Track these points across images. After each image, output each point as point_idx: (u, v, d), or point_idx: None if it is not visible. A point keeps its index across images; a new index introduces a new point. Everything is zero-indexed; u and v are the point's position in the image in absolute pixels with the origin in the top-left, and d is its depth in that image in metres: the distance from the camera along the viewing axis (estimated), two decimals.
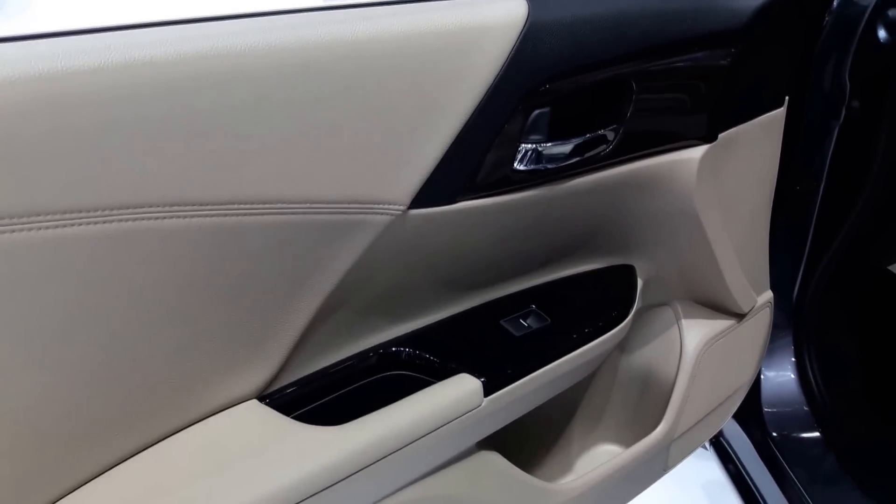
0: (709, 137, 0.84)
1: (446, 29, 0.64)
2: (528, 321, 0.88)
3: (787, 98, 0.93)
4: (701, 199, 0.86)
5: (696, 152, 0.84)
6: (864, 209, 1.04)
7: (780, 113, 0.92)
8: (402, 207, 0.67)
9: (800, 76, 0.93)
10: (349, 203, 0.64)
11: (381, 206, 0.66)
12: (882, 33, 0.91)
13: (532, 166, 0.73)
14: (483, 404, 0.77)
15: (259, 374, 0.70)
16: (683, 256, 0.95)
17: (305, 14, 0.62)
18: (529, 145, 0.73)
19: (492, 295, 0.88)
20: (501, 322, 0.87)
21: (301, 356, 0.74)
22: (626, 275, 0.96)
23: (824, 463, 1.14)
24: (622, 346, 1.04)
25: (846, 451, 1.15)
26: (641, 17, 0.74)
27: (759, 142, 0.92)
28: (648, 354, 1.04)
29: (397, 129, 0.64)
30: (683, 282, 1.00)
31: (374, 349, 0.81)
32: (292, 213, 0.62)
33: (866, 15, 0.90)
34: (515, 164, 0.72)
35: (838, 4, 0.90)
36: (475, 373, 0.77)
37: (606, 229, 0.90)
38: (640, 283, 0.97)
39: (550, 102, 0.72)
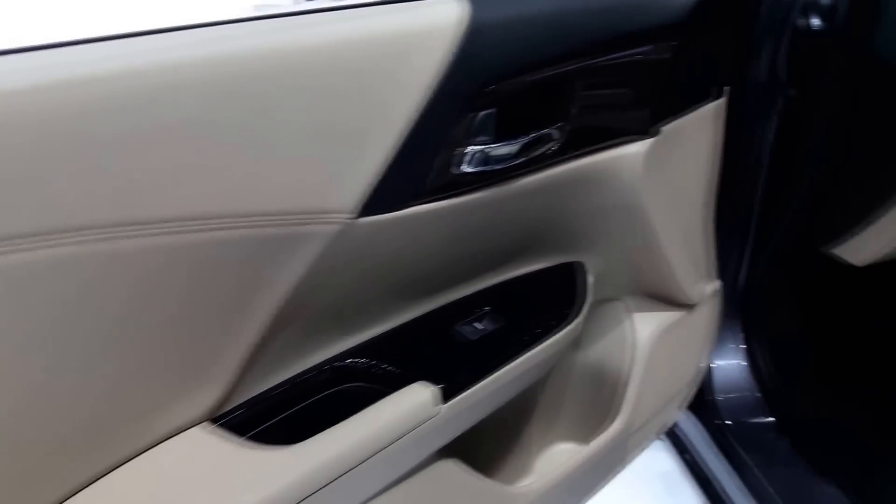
0: (652, 131, 0.85)
1: (385, 33, 0.63)
2: (482, 324, 0.87)
3: (726, 88, 0.94)
4: (646, 193, 0.87)
5: (640, 146, 0.84)
6: (804, 195, 1.06)
7: (720, 103, 0.93)
8: (349, 216, 0.65)
9: (738, 66, 0.94)
10: (294, 214, 0.62)
11: (327, 215, 0.64)
12: (813, 20, 0.93)
13: (479, 168, 0.73)
14: (440, 412, 0.75)
15: (209, 396, 0.67)
16: (631, 250, 0.96)
17: (239, 24, 0.60)
18: (476, 147, 0.72)
19: (445, 299, 0.87)
20: (455, 326, 0.86)
21: (253, 374, 0.71)
22: (576, 272, 0.96)
23: (778, 446, 1.16)
24: (575, 343, 1.04)
25: (799, 433, 1.17)
26: (583, 14, 0.74)
27: (700, 133, 0.93)
28: (601, 350, 1.05)
29: (340, 136, 0.63)
30: (632, 276, 1.01)
31: (328, 362, 0.79)
32: (235, 229, 0.60)
33: (799, 2, 0.93)
34: (463, 167, 0.71)
35: None
36: (431, 380, 0.76)
37: (556, 227, 0.90)
38: (590, 279, 0.97)
39: (495, 103, 0.71)
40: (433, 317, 0.85)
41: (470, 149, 0.71)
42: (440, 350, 0.82)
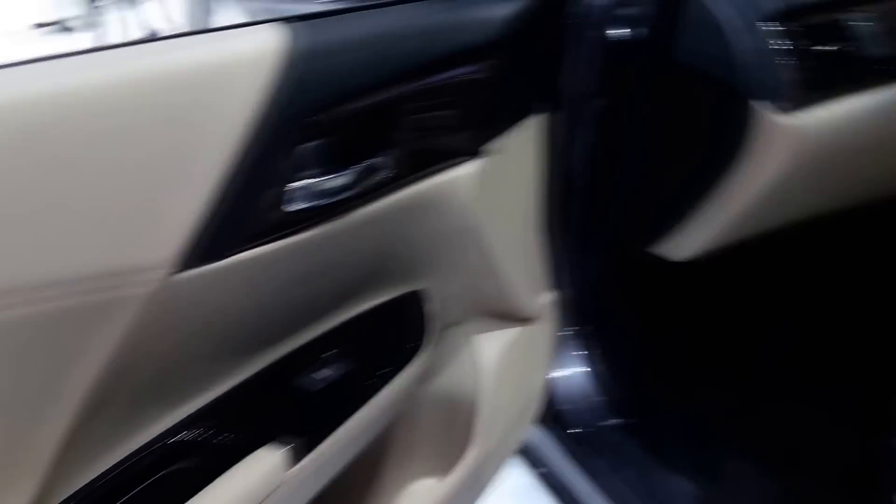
0: (481, 151, 0.84)
1: (196, 67, 0.56)
2: (328, 370, 0.81)
3: (548, 102, 0.95)
4: (481, 214, 0.86)
5: (471, 168, 0.83)
6: (627, 199, 1.11)
7: (543, 118, 0.95)
8: (167, 271, 0.57)
9: (557, 79, 0.97)
10: (100, 278, 0.53)
11: (140, 274, 0.55)
12: (623, 30, 0.97)
13: (311, 203, 0.67)
14: (292, 475, 0.68)
15: (21, 496, 0.56)
16: (469, 273, 0.95)
17: (28, 66, 0.51)
18: (305, 182, 0.66)
19: (287, 348, 0.80)
20: (300, 377, 0.79)
21: (72, 464, 0.60)
22: (418, 301, 0.93)
23: (628, 447, 1.20)
24: (424, 375, 1.01)
25: (646, 431, 1.22)
26: (401, 37, 0.71)
27: (527, 148, 0.94)
28: (448, 377, 1.02)
29: (151, 181, 0.55)
30: (474, 297, 0.99)
31: (160, 438, 0.68)
32: (27, 305, 0.49)
33: (605, 15, 0.97)
34: (293, 204, 0.65)
35: (580, 7, 0.95)
36: (278, 442, 0.69)
37: (398, 256, 0.87)
38: (433, 306, 0.95)
39: (321, 133, 0.66)
40: (275, 370, 0.78)
41: (299, 184, 0.66)
42: (286, 406, 0.75)
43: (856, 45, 1.05)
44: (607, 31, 0.98)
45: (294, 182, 0.65)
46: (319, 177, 0.68)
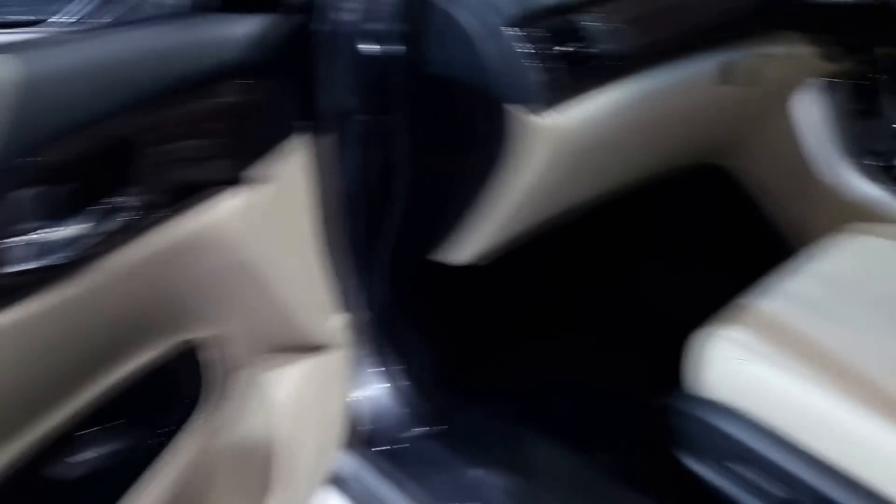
0: (243, 179, 0.79)
1: None
2: (90, 452, 0.71)
3: (308, 122, 0.91)
4: (250, 246, 0.82)
5: (232, 198, 0.78)
6: (403, 211, 1.10)
7: (306, 138, 0.91)
8: None
9: (315, 98, 0.94)
10: None
11: None
12: (371, 47, 0.96)
13: (37, 263, 0.58)
14: None
15: None
16: (250, 310, 0.90)
17: None
18: (27, 237, 0.57)
19: (38, 432, 0.69)
20: (53, 468, 0.68)
21: None
22: (191, 352, 0.85)
23: (437, 453, 1.19)
24: (213, 429, 0.94)
25: (453, 435, 1.22)
26: (138, 61, 0.65)
27: (292, 171, 0.90)
28: (243, 424, 0.96)
29: None
30: (257, 335, 0.94)
31: None
32: None
33: (354, 31, 0.95)
34: (10, 267, 0.56)
35: (328, 23, 0.92)
36: None
37: (160, 308, 0.79)
38: (212, 353, 0.88)
39: (39, 176, 0.57)
40: (33, 460, 0.66)
41: (20, 240, 0.56)
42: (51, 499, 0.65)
43: (593, 45, 1.12)
44: (359, 47, 0.96)
45: (20, 236, 0.56)
46: (54, 227, 0.59)
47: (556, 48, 1.07)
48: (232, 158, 0.78)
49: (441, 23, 1.04)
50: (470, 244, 1.25)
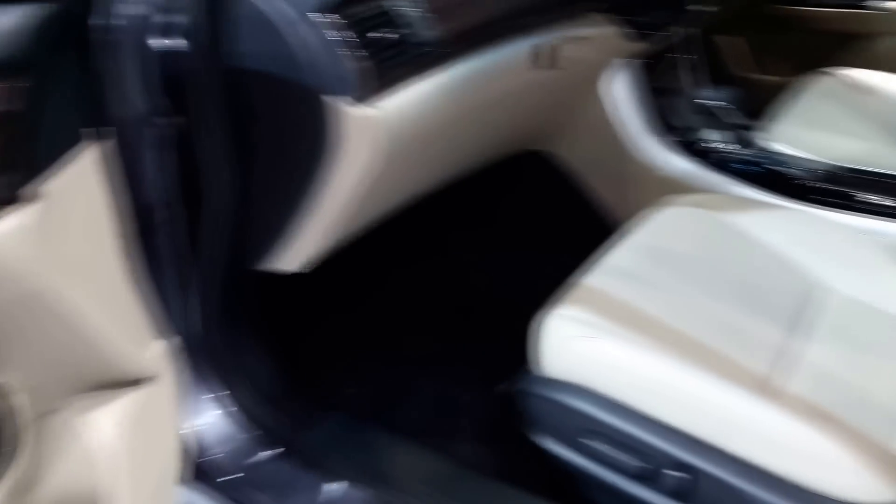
0: (24, 197, 0.70)
1: None
2: None
3: (95, 128, 0.83)
4: (40, 274, 0.73)
5: (16, 219, 0.70)
6: (222, 221, 1.03)
7: (97, 146, 0.82)
8: None
9: (103, 101, 0.85)
10: None
11: None
12: (162, 42, 0.87)
13: None
14: None
15: None
16: (51, 346, 0.81)
17: None
18: None
19: None
20: None
21: None
22: None
23: (286, 474, 1.14)
24: (23, 486, 0.83)
25: (301, 452, 1.17)
26: None
27: (83, 185, 0.81)
28: (59, 475, 0.86)
29: None
30: (64, 374, 0.85)
31: None
32: None
33: (143, 25, 0.86)
34: None
35: (110, 17, 0.83)
36: None
37: None
38: (13, 400, 0.80)
39: None
40: None
41: None
42: None
43: (408, 31, 1.09)
44: (149, 43, 0.87)
45: None
46: None
47: (372, 34, 1.03)
48: (11, 174, 0.70)
49: (242, 11, 0.97)
50: (297, 250, 1.20)
